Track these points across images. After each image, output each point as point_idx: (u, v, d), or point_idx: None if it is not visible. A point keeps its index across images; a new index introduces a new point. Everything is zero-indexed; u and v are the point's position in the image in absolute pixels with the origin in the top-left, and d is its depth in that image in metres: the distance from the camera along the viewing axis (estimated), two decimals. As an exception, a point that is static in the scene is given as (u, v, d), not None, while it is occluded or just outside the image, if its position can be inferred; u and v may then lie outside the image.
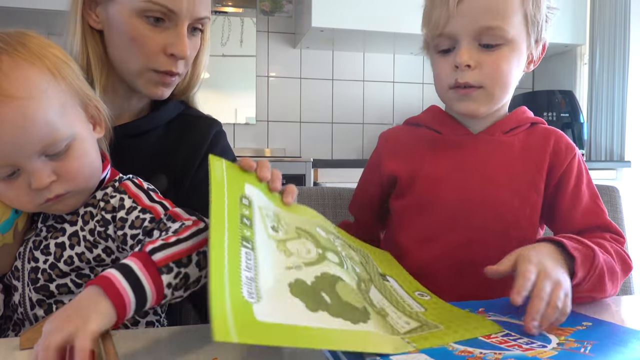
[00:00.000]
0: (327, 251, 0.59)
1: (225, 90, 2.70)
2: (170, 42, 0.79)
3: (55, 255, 0.65)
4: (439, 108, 0.88)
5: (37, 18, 2.18)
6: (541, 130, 0.84)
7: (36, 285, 0.66)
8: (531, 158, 0.80)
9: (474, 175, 0.79)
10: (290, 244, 0.57)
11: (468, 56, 0.75)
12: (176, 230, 0.59)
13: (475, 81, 0.76)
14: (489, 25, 0.74)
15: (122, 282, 0.50)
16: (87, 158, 0.64)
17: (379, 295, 0.60)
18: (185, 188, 0.86)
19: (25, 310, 0.67)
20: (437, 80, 0.81)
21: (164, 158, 0.86)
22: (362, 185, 0.93)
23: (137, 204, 0.66)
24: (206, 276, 0.60)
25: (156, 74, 0.81)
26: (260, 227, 0.56)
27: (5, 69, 0.57)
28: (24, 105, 0.57)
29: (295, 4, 2.73)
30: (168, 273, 0.53)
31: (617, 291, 0.72)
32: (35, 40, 0.62)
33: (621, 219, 1.14)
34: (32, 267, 0.66)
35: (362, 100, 2.87)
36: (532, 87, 3.08)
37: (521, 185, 0.78)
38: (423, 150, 0.84)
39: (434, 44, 0.79)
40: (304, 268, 0.54)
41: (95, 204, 0.67)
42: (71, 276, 0.66)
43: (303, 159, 2.09)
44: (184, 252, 0.56)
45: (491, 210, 0.77)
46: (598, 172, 2.42)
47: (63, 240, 0.66)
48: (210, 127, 0.91)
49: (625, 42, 2.52)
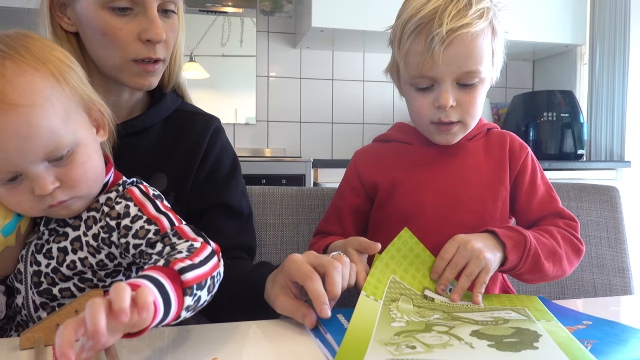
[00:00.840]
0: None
1: (225, 90, 2.70)
2: (143, 28, 0.77)
3: (58, 260, 0.65)
4: (405, 123, 0.97)
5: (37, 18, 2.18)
6: (497, 133, 0.94)
7: (39, 289, 0.66)
8: (494, 158, 0.90)
9: (448, 178, 0.88)
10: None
11: (452, 98, 0.81)
12: (190, 251, 0.58)
13: (455, 118, 0.83)
14: (470, 70, 0.81)
15: (158, 298, 0.48)
16: (90, 164, 0.63)
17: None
18: (186, 188, 0.86)
19: (29, 312, 0.67)
20: (415, 115, 0.87)
21: (163, 156, 0.86)
22: (340, 201, 0.95)
23: (143, 213, 0.65)
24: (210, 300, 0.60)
25: (137, 64, 0.79)
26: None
27: (9, 75, 0.56)
28: (27, 113, 0.56)
29: (295, 4, 2.73)
30: (190, 295, 0.53)
31: (568, 271, 0.83)
32: (38, 44, 0.61)
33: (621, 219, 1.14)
34: (35, 270, 0.66)
35: (362, 100, 2.87)
36: (532, 87, 3.07)
37: (490, 182, 0.87)
38: (398, 161, 0.91)
39: (411, 82, 0.84)
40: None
41: (98, 209, 0.67)
42: (74, 280, 0.66)
43: (303, 159, 2.09)
44: (204, 274, 0.55)
45: (467, 207, 0.86)
46: (598, 172, 2.42)
47: (65, 244, 0.66)
48: (208, 125, 0.90)
49: (625, 42, 2.52)
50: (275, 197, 1.09)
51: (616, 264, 1.12)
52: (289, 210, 1.08)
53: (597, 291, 1.11)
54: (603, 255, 1.13)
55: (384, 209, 0.90)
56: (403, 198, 0.88)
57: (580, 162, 2.43)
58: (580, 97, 2.76)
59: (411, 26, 0.81)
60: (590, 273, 1.12)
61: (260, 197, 1.08)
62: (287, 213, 1.08)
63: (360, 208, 0.94)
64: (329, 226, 0.95)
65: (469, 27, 0.78)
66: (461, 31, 0.78)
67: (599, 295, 1.10)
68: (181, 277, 0.52)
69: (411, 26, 0.81)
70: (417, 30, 0.80)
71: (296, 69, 2.78)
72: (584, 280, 1.12)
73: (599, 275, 1.12)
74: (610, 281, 1.11)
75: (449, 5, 0.79)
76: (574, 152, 2.54)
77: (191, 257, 0.56)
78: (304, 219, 1.09)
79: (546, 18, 2.61)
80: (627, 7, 2.51)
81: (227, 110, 2.69)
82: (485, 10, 0.81)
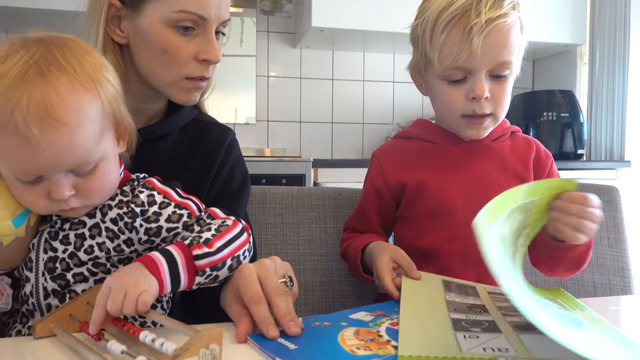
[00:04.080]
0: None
1: (225, 90, 2.70)
2: (202, 49, 0.80)
3: (75, 245, 0.67)
4: (426, 120, 0.97)
5: (37, 18, 2.19)
6: (522, 137, 0.96)
7: (53, 275, 0.67)
8: (519, 160, 0.91)
9: (476, 177, 0.88)
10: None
11: (487, 89, 0.82)
12: (218, 230, 0.67)
13: (489, 110, 0.84)
14: (505, 61, 0.82)
15: (167, 273, 0.61)
16: (108, 177, 0.66)
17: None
18: (200, 198, 0.87)
19: (38, 300, 0.68)
20: (447, 109, 0.87)
21: (179, 164, 0.87)
22: (366, 202, 0.97)
23: (170, 199, 0.70)
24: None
25: (189, 81, 0.82)
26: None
27: (63, 93, 0.58)
28: (71, 132, 0.59)
29: (295, 4, 2.73)
30: (202, 276, 0.64)
31: (564, 276, 0.88)
32: (91, 60, 0.63)
33: (621, 219, 1.14)
34: (50, 256, 0.67)
35: (362, 100, 2.87)
36: (532, 87, 3.07)
37: (515, 182, 0.87)
38: (423, 159, 0.92)
39: (444, 74, 0.84)
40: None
41: (113, 197, 0.70)
42: (88, 265, 0.68)
43: (303, 159, 2.09)
44: (221, 259, 0.65)
45: None
46: (598, 172, 2.42)
47: (83, 231, 0.68)
48: (224, 136, 0.92)
49: (625, 42, 2.52)
50: (275, 197, 1.09)
51: (616, 264, 1.12)
52: (289, 210, 1.09)
53: (597, 291, 1.11)
54: (603, 255, 1.13)
55: (412, 207, 0.91)
56: (432, 197, 0.88)
57: (580, 162, 2.43)
58: (580, 97, 2.76)
59: (446, 17, 0.81)
60: (590, 273, 1.12)
61: (260, 197, 1.08)
62: (287, 213, 1.08)
63: (384, 209, 0.95)
64: (357, 224, 0.98)
65: (506, 17, 0.80)
66: (499, 21, 0.79)
67: (599, 295, 1.10)
68: (195, 262, 0.63)
69: (446, 17, 0.81)
70: (453, 21, 0.81)
71: (296, 69, 2.78)
72: (584, 280, 1.12)
73: (599, 275, 1.12)
74: (610, 281, 1.11)
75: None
76: (574, 152, 2.54)
77: (217, 237, 0.65)
78: (304, 219, 1.09)
79: (546, 18, 2.60)
80: (627, 7, 2.51)
81: (227, 110, 2.69)
82: (516, 2, 0.84)
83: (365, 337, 0.57)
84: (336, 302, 1.06)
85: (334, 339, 0.56)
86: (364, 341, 0.56)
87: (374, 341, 0.56)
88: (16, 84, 0.56)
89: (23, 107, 0.56)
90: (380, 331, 0.59)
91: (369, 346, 0.54)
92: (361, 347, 0.54)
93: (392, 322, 0.62)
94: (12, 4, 2.10)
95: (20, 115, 0.56)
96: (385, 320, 0.63)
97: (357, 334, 0.58)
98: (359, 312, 0.67)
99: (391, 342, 0.55)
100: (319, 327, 0.61)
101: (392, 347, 0.54)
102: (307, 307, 1.05)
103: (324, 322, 0.63)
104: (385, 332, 0.59)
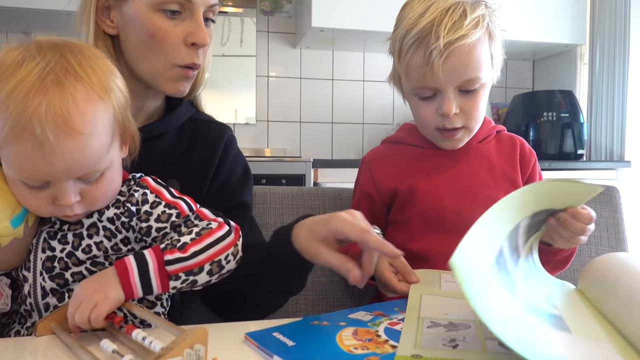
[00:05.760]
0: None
1: (225, 90, 2.70)
2: (190, 32, 0.80)
3: (74, 244, 0.68)
4: (413, 125, 0.97)
5: (37, 18, 2.19)
6: (507, 136, 0.97)
7: (51, 274, 0.68)
8: (505, 159, 0.93)
9: (464, 180, 0.90)
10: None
11: (454, 106, 0.83)
12: (199, 233, 0.66)
13: (459, 124, 0.85)
14: (470, 78, 0.83)
15: (136, 278, 0.62)
16: (112, 185, 0.68)
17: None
18: (199, 197, 0.87)
19: (36, 300, 0.68)
20: (420, 123, 0.90)
21: (177, 164, 0.87)
22: (357, 208, 0.96)
23: (161, 199, 0.70)
24: (217, 279, 0.68)
25: (179, 69, 0.81)
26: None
27: (79, 102, 0.59)
28: (85, 140, 0.60)
29: (295, 4, 2.73)
30: (176, 280, 0.64)
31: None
32: (102, 66, 0.65)
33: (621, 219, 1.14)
34: (48, 256, 0.68)
35: (362, 100, 2.87)
36: (532, 87, 3.07)
37: (503, 182, 0.90)
38: (413, 165, 0.93)
39: (414, 92, 0.86)
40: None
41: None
42: (86, 264, 0.68)
43: (303, 159, 2.09)
44: (196, 264, 0.65)
45: (483, 206, 0.86)
46: (598, 172, 2.42)
47: (81, 231, 0.69)
48: (222, 134, 0.92)
49: (625, 42, 2.52)
50: (276, 197, 1.09)
51: (616, 264, 1.12)
52: (289, 210, 1.09)
53: (597, 291, 1.11)
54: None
55: (403, 212, 0.92)
56: (423, 202, 0.90)
57: (580, 162, 2.43)
58: (580, 97, 2.76)
59: (409, 40, 0.82)
60: (590, 273, 1.12)
61: (260, 197, 1.08)
62: (287, 213, 1.08)
63: (376, 214, 0.95)
64: None
65: (466, 39, 0.80)
66: (458, 43, 0.79)
67: (599, 295, 1.10)
68: (166, 268, 0.63)
69: (409, 40, 0.82)
70: (415, 44, 0.82)
71: (296, 69, 2.78)
72: (584, 280, 1.12)
73: (599, 275, 1.12)
74: (609, 281, 1.11)
75: (445, 17, 0.80)
76: (574, 152, 2.54)
77: (195, 242, 0.65)
78: (304, 218, 1.09)
79: (546, 18, 2.60)
80: (627, 7, 2.51)
81: (227, 110, 2.69)
82: (481, 18, 0.83)
83: (363, 337, 0.57)
84: (336, 302, 1.06)
85: (331, 338, 0.57)
86: (361, 341, 0.56)
87: (372, 341, 0.56)
88: (34, 91, 0.57)
89: (41, 114, 0.57)
90: (378, 331, 0.59)
91: (367, 346, 0.54)
92: (359, 347, 0.54)
93: (390, 322, 0.62)
94: (12, 4, 2.10)
95: (38, 122, 0.57)
96: (384, 320, 0.63)
97: (355, 334, 0.58)
98: (358, 311, 0.67)
99: (389, 341, 0.55)
100: (317, 326, 0.61)
101: (389, 346, 0.54)
102: (306, 307, 1.05)
103: (322, 322, 0.63)
104: (383, 332, 0.59)
